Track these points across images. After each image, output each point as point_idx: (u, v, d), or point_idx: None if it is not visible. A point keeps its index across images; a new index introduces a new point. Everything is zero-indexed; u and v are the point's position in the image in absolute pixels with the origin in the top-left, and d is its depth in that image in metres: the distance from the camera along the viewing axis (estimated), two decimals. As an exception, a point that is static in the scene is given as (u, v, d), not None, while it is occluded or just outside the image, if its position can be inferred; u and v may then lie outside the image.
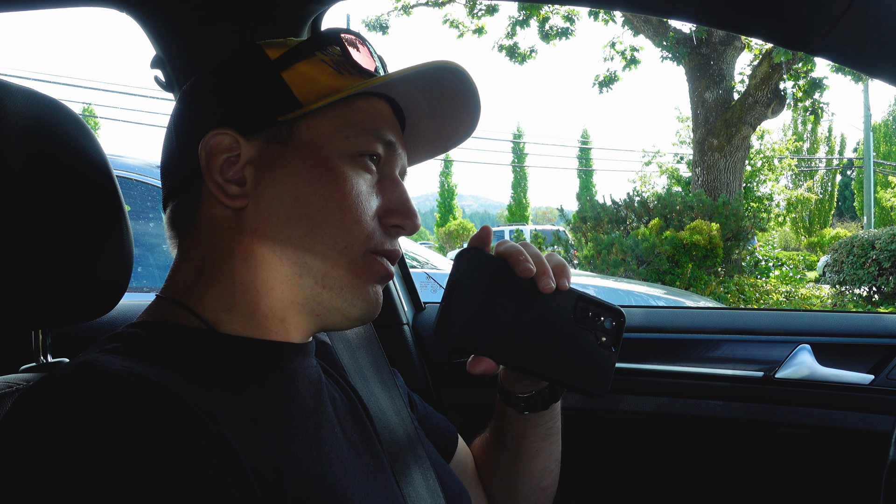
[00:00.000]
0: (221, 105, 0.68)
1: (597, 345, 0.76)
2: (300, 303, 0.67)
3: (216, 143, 0.65)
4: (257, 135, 0.66)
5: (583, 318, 0.75)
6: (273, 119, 0.66)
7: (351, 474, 0.64)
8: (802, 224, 27.45)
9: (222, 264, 0.66)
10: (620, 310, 0.77)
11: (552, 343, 0.74)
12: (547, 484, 0.96)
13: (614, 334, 0.76)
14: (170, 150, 0.71)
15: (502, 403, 0.90)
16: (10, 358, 0.92)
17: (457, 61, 0.69)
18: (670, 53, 9.83)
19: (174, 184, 0.70)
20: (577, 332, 0.75)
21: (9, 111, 0.70)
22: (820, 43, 0.70)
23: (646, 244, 7.82)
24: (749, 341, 1.36)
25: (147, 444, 0.48)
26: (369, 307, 0.69)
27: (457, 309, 0.71)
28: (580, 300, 0.75)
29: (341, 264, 0.66)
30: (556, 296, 0.75)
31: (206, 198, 0.67)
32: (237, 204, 0.65)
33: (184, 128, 0.69)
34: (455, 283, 0.72)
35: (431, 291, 3.59)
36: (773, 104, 9.34)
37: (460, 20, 10.66)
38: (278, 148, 0.66)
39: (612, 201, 9.31)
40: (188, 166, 0.67)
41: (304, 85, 0.67)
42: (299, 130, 0.67)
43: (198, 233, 0.68)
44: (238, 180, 0.66)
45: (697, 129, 9.86)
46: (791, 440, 1.29)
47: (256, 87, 0.67)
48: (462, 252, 0.73)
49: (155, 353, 0.60)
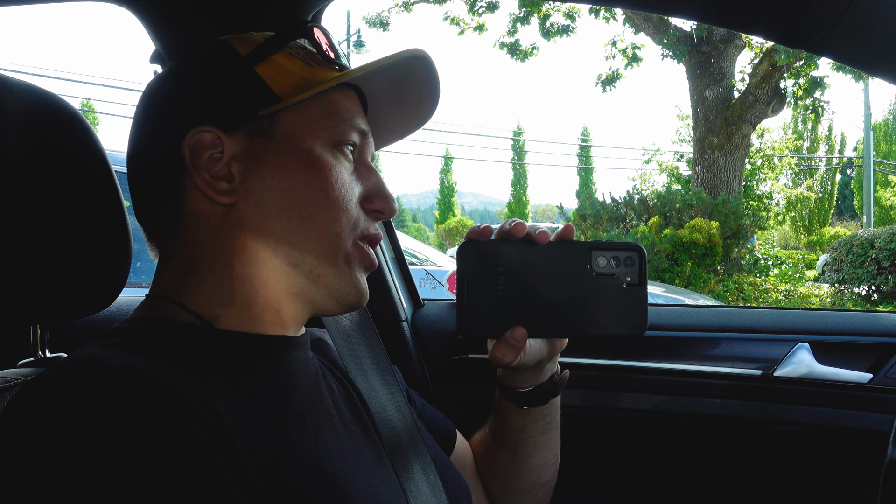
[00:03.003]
0: (199, 102, 0.68)
1: (622, 287, 0.74)
2: (295, 292, 0.68)
3: (199, 141, 0.66)
4: (238, 130, 0.67)
5: (598, 266, 0.74)
6: (253, 114, 0.67)
7: (350, 465, 0.65)
8: (802, 223, 27.47)
9: (216, 260, 0.66)
10: (636, 244, 0.76)
11: (575, 301, 0.74)
12: (546, 479, 0.96)
13: (638, 271, 0.75)
14: (144, 147, 0.70)
15: (501, 398, 0.91)
16: (8, 353, 0.92)
17: (423, 48, 0.70)
18: (671, 51, 9.82)
19: (152, 180, 0.69)
20: (599, 282, 0.74)
21: (8, 106, 0.70)
22: (821, 41, 0.70)
23: (645, 242, 7.83)
24: (748, 339, 1.36)
25: (147, 438, 0.48)
26: (360, 293, 0.71)
27: (472, 302, 0.72)
28: (593, 250, 0.75)
29: (333, 252, 0.68)
30: (568, 254, 0.74)
31: (190, 195, 0.67)
32: (227, 200, 0.66)
33: (160, 125, 0.69)
34: (464, 278, 0.72)
35: (430, 288, 3.59)
36: (774, 103, 9.33)
37: (461, 17, 10.64)
38: (263, 142, 0.67)
39: (611, 199, 9.32)
40: (169, 163, 0.67)
41: (279, 78, 0.68)
42: (280, 124, 0.67)
43: (183, 230, 0.67)
44: (225, 176, 0.66)
45: (697, 128, 9.85)
46: (789, 438, 1.29)
47: (232, 83, 0.68)
48: (461, 246, 0.73)
49: (153, 348, 0.60)
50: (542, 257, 0.73)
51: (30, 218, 0.71)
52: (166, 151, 0.67)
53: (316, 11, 1.13)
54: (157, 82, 0.72)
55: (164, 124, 0.69)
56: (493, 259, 0.73)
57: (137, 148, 0.71)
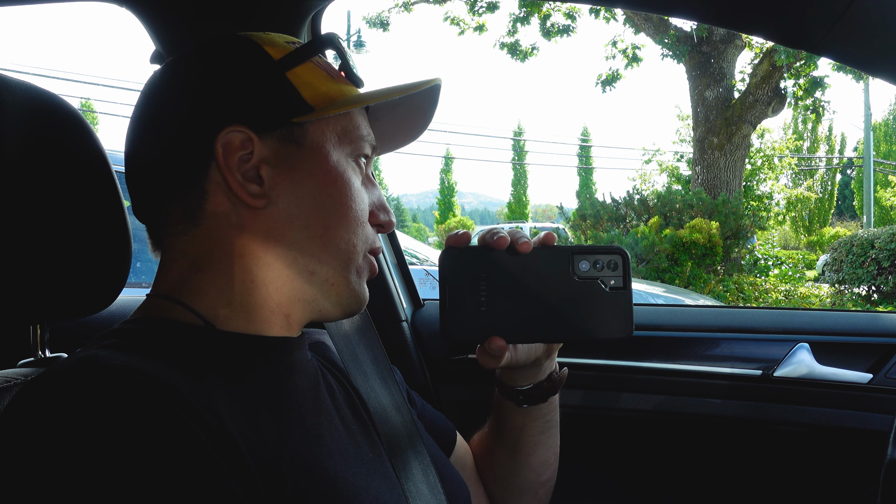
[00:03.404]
0: (230, 102, 0.66)
1: (606, 291, 0.75)
2: (307, 299, 0.69)
3: (229, 140, 0.64)
4: (270, 134, 0.66)
5: (582, 270, 0.75)
6: (287, 120, 0.66)
7: (351, 465, 0.65)
8: (802, 223, 27.45)
9: (231, 262, 0.66)
10: (618, 247, 0.77)
11: (558, 306, 0.74)
12: (546, 478, 0.96)
13: (622, 273, 0.75)
14: (155, 142, 0.67)
15: (500, 397, 0.91)
16: (8, 353, 0.92)
17: (440, 77, 0.73)
18: (671, 51, 9.81)
19: (164, 177, 0.67)
20: (582, 286, 0.75)
21: (7, 106, 0.70)
22: (821, 41, 0.70)
23: (645, 242, 7.83)
24: (748, 339, 1.36)
25: (148, 439, 0.48)
26: (363, 302, 0.73)
27: (454, 307, 0.73)
28: (574, 255, 0.75)
29: (348, 264, 0.69)
30: (549, 259, 0.75)
31: (213, 194, 0.65)
32: (258, 203, 0.65)
33: (180, 121, 0.67)
34: (445, 283, 0.73)
35: (430, 288, 3.59)
36: (774, 103, 9.33)
37: (461, 17, 10.64)
38: (294, 149, 0.66)
39: (611, 199, 9.32)
40: (188, 160, 0.66)
41: (309, 87, 0.67)
42: (310, 133, 0.67)
43: (197, 229, 0.66)
44: (254, 179, 0.65)
45: (698, 128, 9.85)
46: (789, 438, 1.29)
47: (265, 86, 0.67)
48: (442, 253, 0.75)
49: (154, 348, 0.60)
50: (523, 263, 0.74)
51: (30, 218, 0.71)
52: (187, 148, 0.65)
53: (316, 11, 1.13)
54: (168, 77, 0.70)
55: (186, 121, 0.66)
56: (476, 265, 0.74)
57: (145, 142, 0.68)
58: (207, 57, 0.69)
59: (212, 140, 0.64)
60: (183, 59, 0.70)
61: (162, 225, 0.69)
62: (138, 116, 0.70)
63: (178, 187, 0.67)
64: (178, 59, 0.70)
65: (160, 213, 0.68)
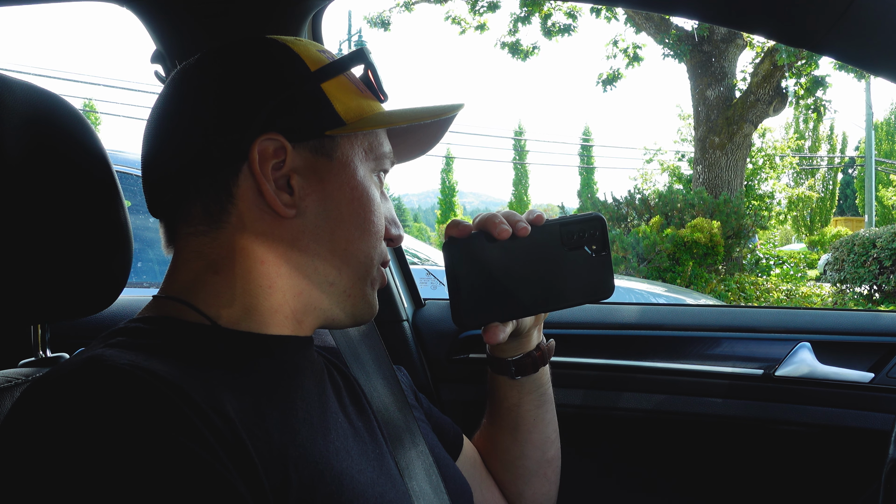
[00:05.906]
0: (268, 109, 0.65)
1: (590, 257, 0.82)
2: (322, 308, 0.70)
3: (264, 148, 0.64)
4: (302, 144, 0.66)
5: (569, 240, 0.81)
6: (321, 132, 0.66)
7: (357, 462, 0.65)
8: (804, 222, 27.43)
9: (249, 268, 0.65)
10: (597, 215, 0.82)
11: (553, 277, 0.81)
12: (551, 455, 0.99)
13: (601, 239, 0.82)
14: (185, 144, 0.65)
15: (494, 375, 0.95)
16: (9, 352, 0.92)
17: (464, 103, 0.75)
18: (672, 51, 9.81)
19: (190, 178, 0.65)
20: (570, 256, 0.81)
21: (9, 106, 0.70)
22: (822, 40, 0.70)
23: (646, 242, 7.83)
24: (749, 339, 1.36)
25: (154, 438, 0.48)
26: (374, 312, 0.75)
27: (464, 296, 0.78)
28: (562, 227, 0.81)
29: (365, 277, 0.71)
30: (541, 235, 0.80)
31: (242, 199, 0.65)
32: (288, 213, 0.65)
33: (212, 122, 0.65)
34: (452, 273, 0.78)
35: (431, 288, 3.59)
36: (775, 102, 9.33)
37: (462, 17, 10.64)
38: (325, 162, 0.67)
39: (613, 199, 9.31)
40: (221, 164, 0.64)
41: (341, 101, 0.68)
42: (340, 146, 0.68)
43: (219, 232, 0.65)
44: (284, 188, 0.65)
45: (699, 127, 9.84)
46: (790, 438, 1.29)
47: (302, 96, 0.66)
48: (445, 244, 0.78)
49: (160, 347, 0.60)
50: (521, 244, 0.79)
51: (31, 218, 0.71)
52: (218, 151, 0.64)
53: (316, 11, 1.13)
54: (196, 76, 0.68)
55: (218, 122, 0.65)
56: (477, 253, 0.79)
57: (170, 141, 0.67)
58: (241, 59, 0.68)
59: (247, 146, 0.64)
60: (211, 59, 0.68)
61: (180, 222, 0.68)
62: (161, 114, 0.68)
63: (202, 188, 0.65)
64: (204, 58, 0.69)
65: (178, 210, 0.67)
